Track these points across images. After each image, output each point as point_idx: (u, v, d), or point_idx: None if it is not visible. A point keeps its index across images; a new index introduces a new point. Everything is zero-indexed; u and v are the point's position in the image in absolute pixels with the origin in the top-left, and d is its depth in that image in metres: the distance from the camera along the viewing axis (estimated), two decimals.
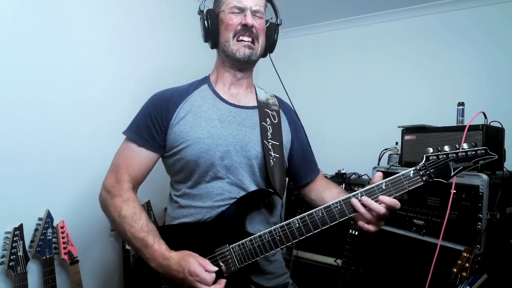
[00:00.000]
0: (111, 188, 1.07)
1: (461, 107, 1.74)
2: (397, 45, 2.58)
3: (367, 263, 2.01)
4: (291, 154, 1.23)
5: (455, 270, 1.33)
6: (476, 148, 0.92)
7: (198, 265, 0.93)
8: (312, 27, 2.93)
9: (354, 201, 0.94)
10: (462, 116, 1.73)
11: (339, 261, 2.08)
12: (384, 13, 2.60)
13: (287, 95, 1.34)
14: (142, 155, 1.09)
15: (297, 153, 1.24)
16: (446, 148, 0.93)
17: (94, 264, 1.80)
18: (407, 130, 1.84)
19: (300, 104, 2.85)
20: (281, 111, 1.23)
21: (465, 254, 1.35)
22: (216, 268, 0.96)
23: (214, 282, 0.94)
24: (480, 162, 0.92)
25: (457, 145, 0.93)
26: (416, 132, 1.79)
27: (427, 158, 0.93)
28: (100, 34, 1.78)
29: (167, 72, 2.18)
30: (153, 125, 1.08)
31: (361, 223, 0.97)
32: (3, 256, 1.35)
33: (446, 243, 1.52)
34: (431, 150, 0.94)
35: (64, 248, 1.52)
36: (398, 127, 1.88)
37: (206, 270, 0.94)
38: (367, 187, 0.95)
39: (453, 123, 1.74)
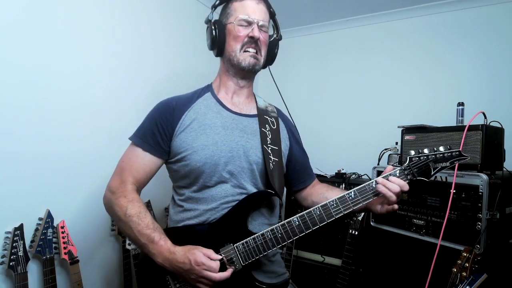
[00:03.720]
0: (116, 189, 1.10)
1: (460, 107, 1.74)
2: (397, 45, 2.58)
3: (367, 263, 2.01)
4: (289, 159, 1.28)
5: (455, 270, 1.33)
6: (451, 150, 1.03)
7: (203, 255, 0.99)
8: (312, 27, 2.93)
9: (379, 186, 1.02)
10: (462, 116, 1.73)
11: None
12: (384, 13, 2.60)
13: (285, 104, 1.40)
14: (146, 160, 1.13)
15: (296, 158, 1.29)
16: (426, 150, 1.04)
17: (94, 264, 1.80)
18: (407, 130, 1.84)
19: (300, 104, 2.91)
20: (279, 118, 1.29)
21: (465, 254, 1.35)
22: (219, 257, 1.02)
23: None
24: (455, 162, 1.03)
25: (435, 148, 1.04)
26: (416, 132, 1.79)
27: (410, 160, 1.04)
28: (102, 35, 1.78)
29: (168, 74, 2.18)
30: (158, 132, 1.12)
31: (378, 207, 1.08)
32: (3, 256, 1.36)
33: (446, 243, 1.53)
34: (413, 152, 1.04)
35: (64, 248, 1.53)
36: (398, 127, 1.88)
37: (211, 259, 0.99)
38: (360, 186, 1.04)
39: (452, 123, 1.74)
